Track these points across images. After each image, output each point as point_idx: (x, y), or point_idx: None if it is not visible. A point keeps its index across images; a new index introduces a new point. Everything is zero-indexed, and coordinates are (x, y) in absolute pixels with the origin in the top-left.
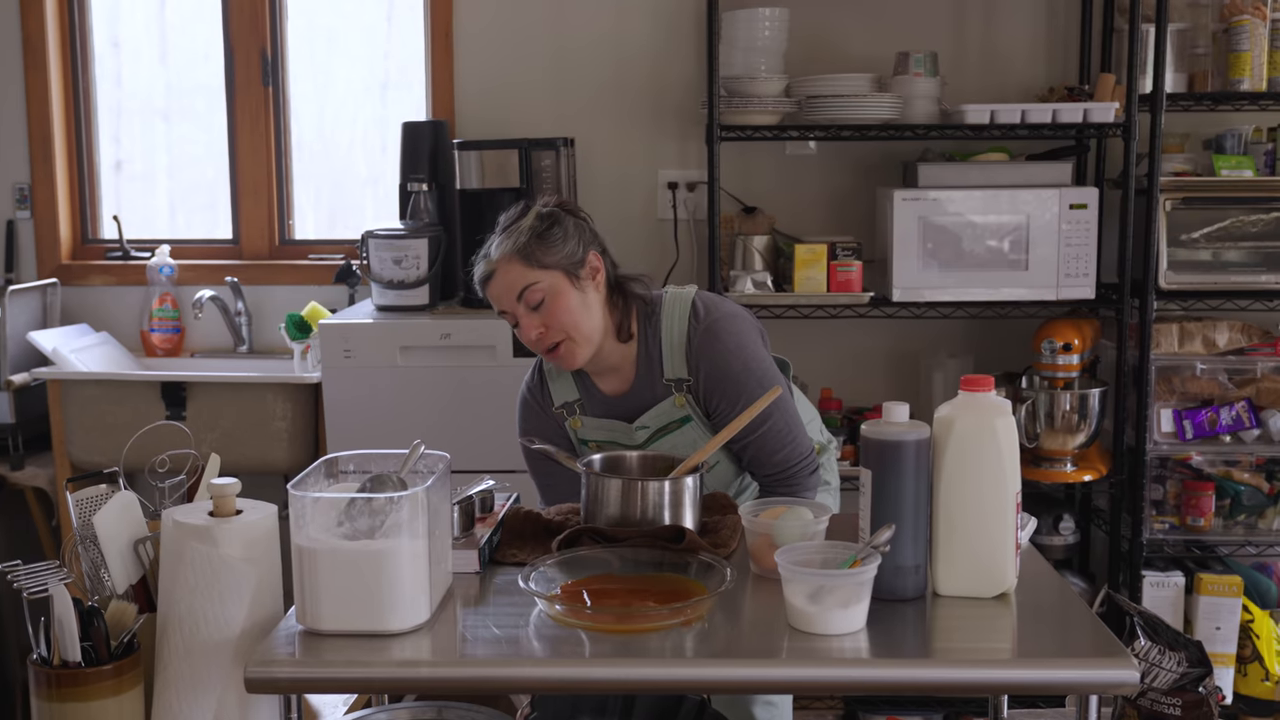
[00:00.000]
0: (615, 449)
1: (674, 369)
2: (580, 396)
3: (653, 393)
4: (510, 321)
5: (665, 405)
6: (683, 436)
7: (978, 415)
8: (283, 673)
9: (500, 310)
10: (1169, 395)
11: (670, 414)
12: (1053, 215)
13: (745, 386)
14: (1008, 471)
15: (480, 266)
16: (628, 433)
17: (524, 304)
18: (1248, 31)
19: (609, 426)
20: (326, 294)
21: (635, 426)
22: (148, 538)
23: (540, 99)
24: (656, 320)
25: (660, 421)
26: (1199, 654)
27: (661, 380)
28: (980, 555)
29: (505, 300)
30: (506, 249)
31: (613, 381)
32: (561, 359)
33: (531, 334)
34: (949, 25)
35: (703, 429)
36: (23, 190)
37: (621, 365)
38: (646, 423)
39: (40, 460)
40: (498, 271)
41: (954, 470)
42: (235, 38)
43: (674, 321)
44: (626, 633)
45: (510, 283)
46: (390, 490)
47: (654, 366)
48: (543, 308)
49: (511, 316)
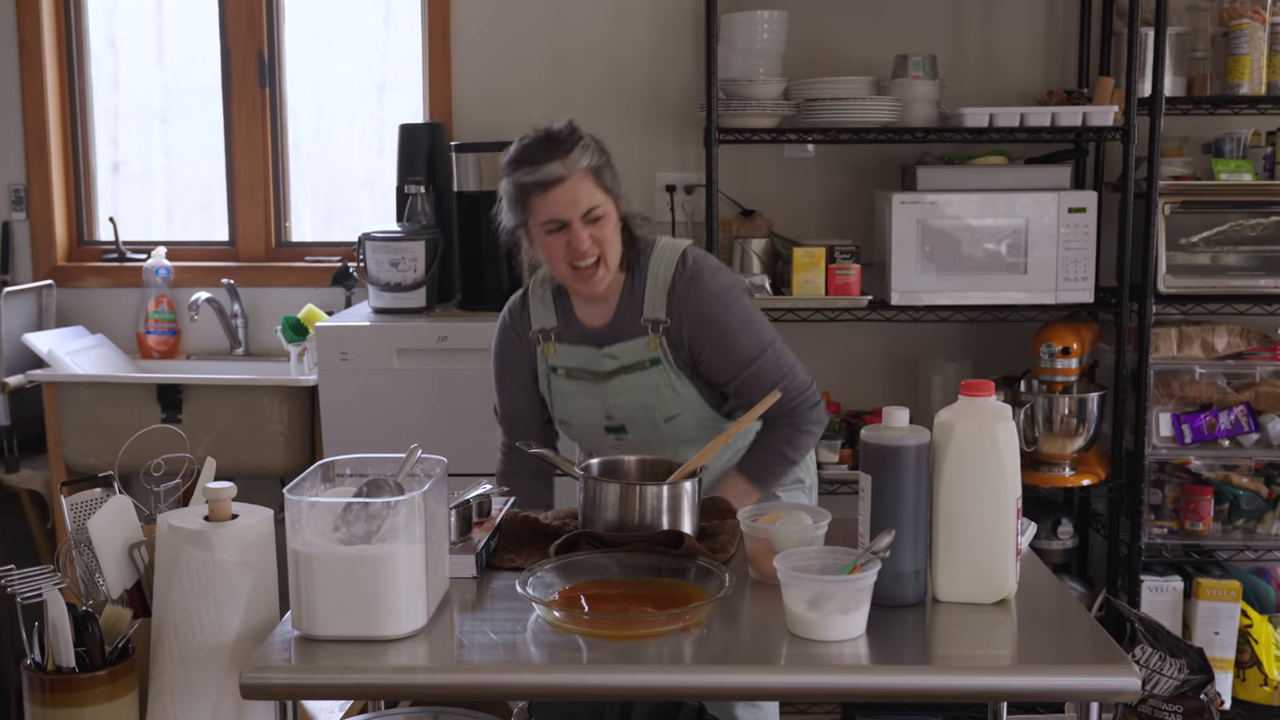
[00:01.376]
0: (582, 377)
1: (653, 310)
2: (558, 325)
3: (629, 330)
4: (550, 228)
5: (638, 343)
6: (648, 378)
7: (978, 420)
8: (278, 678)
9: (549, 219)
10: (1168, 399)
11: (641, 352)
12: (1051, 219)
13: (728, 329)
14: (1008, 477)
15: (546, 168)
16: (596, 359)
17: (584, 218)
18: (1247, 35)
19: (579, 353)
20: (323, 296)
21: (604, 353)
22: (143, 542)
23: (538, 101)
24: (646, 261)
25: (630, 357)
26: (1200, 661)
27: (640, 319)
28: (980, 561)
29: (567, 209)
30: (584, 163)
31: (594, 313)
32: (591, 281)
33: (584, 245)
34: (948, 28)
35: (671, 375)
36: (18, 191)
37: (608, 297)
38: (616, 353)
39: (35, 463)
40: (570, 180)
41: (954, 476)
42: (232, 39)
43: (661, 265)
44: (624, 638)
45: (578, 195)
46: (387, 494)
47: (635, 304)
48: (596, 227)
49: (556, 224)
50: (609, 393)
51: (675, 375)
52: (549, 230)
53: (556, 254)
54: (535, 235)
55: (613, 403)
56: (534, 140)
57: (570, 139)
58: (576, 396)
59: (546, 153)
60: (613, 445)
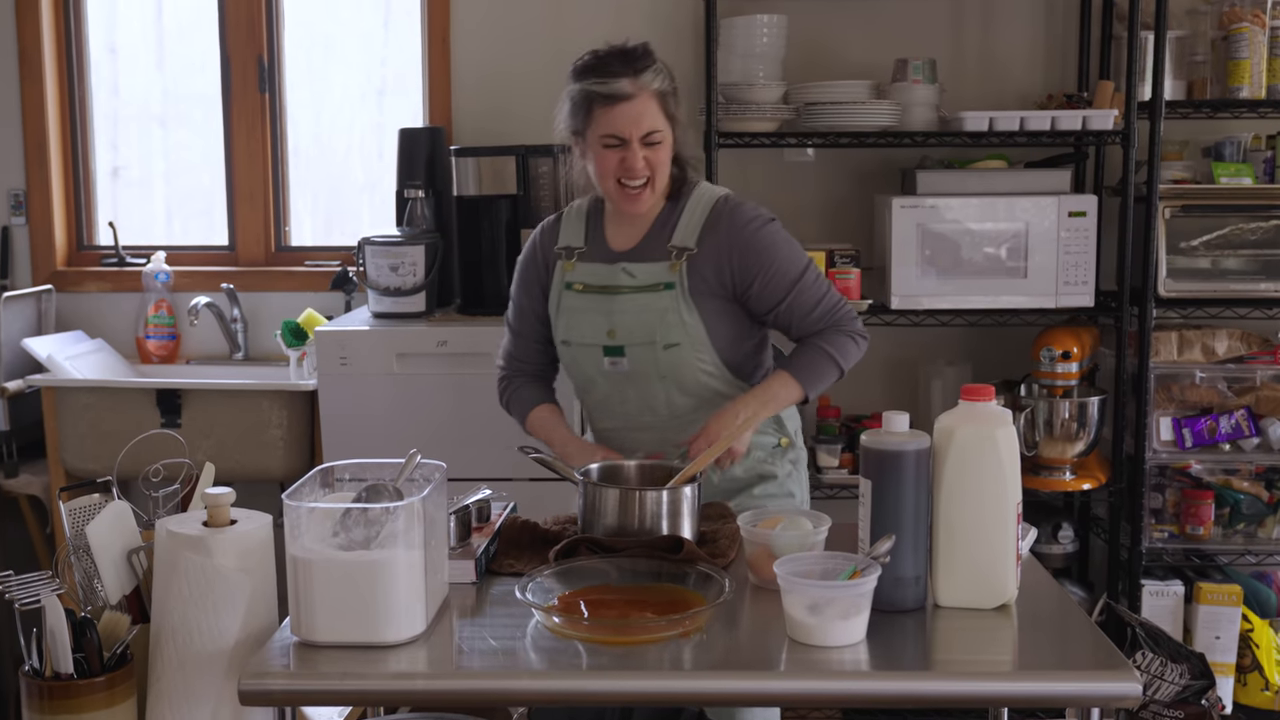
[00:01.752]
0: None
1: (683, 238)
2: (584, 245)
3: (653, 253)
4: (608, 142)
5: (659, 266)
6: (658, 300)
7: (978, 425)
8: (277, 685)
9: (609, 133)
10: (1168, 403)
11: (659, 275)
12: (1051, 223)
13: (776, 249)
14: (1009, 482)
15: (616, 83)
16: (613, 274)
17: (643, 140)
18: (1247, 39)
19: (596, 270)
20: (323, 301)
21: (621, 268)
22: (141, 548)
23: (537, 105)
24: (687, 196)
25: (647, 278)
26: (1201, 666)
27: (666, 244)
28: (981, 566)
29: (628, 127)
30: (654, 85)
31: (624, 235)
32: (636, 200)
33: (638, 165)
34: (947, 32)
35: (681, 302)
36: (18, 196)
37: (642, 222)
38: (634, 271)
39: (34, 468)
40: (637, 99)
41: (955, 481)
42: (232, 44)
43: (701, 201)
44: (624, 644)
45: (642, 115)
46: (386, 500)
47: (666, 231)
48: (652, 151)
49: (615, 140)
50: (617, 309)
51: (686, 304)
52: (606, 144)
53: (608, 168)
54: (591, 145)
55: (618, 320)
56: (608, 53)
57: (644, 59)
58: (584, 313)
59: (620, 67)
60: (605, 372)
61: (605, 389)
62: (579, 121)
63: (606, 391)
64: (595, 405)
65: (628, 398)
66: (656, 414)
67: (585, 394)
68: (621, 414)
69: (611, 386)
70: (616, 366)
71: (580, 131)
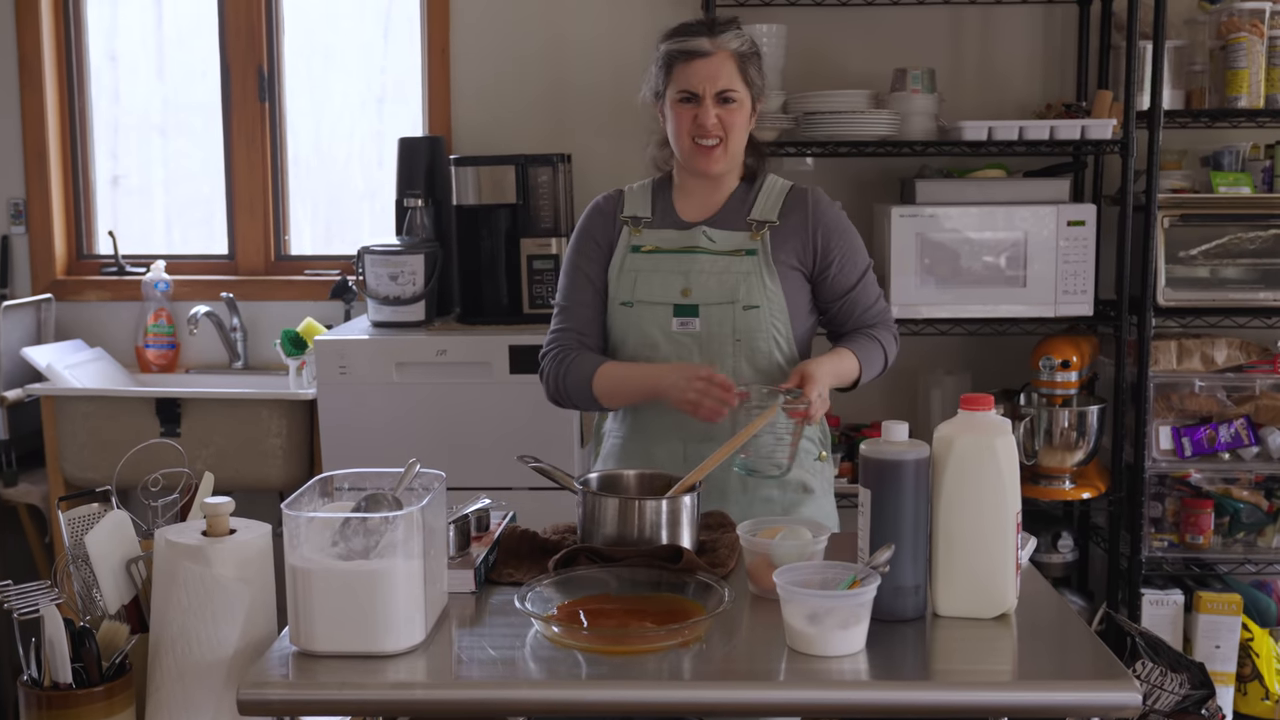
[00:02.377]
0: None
1: (764, 213)
2: (651, 216)
3: (731, 224)
4: (683, 97)
5: (739, 234)
6: (739, 264)
7: (978, 435)
8: (276, 694)
9: (683, 88)
10: (1167, 412)
11: (740, 242)
12: (1050, 232)
13: (854, 239)
14: (1008, 491)
15: (694, 40)
16: (691, 236)
17: (717, 97)
18: (1245, 49)
19: (669, 235)
20: (322, 310)
21: (701, 231)
22: (140, 557)
23: (537, 115)
24: (762, 179)
25: (728, 244)
26: (1201, 675)
27: (745, 218)
28: (980, 576)
29: (704, 83)
30: (734, 45)
31: (698, 206)
32: (710, 158)
33: (710, 121)
34: (946, 42)
35: (764, 267)
36: (18, 205)
37: (716, 196)
38: (714, 235)
39: (34, 477)
40: (715, 57)
41: (954, 490)
42: (232, 53)
43: (776, 183)
44: (623, 654)
45: (718, 72)
46: (385, 509)
47: (744, 207)
48: (726, 110)
49: (688, 95)
50: (695, 269)
51: (768, 270)
52: (681, 99)
53: (682, 125)
54: (669, 105)
55: (695, 280)
56: (693, 20)
57: (727, 24)
58: (654, 273)
59: (700, 28)
60: (672, 334)
61: (668, 353)
62: (659, 81)
63: (668, 356)
64: None
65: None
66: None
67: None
68: None
69: (675, 350)
70: (686, 327)
71: (660, 92)
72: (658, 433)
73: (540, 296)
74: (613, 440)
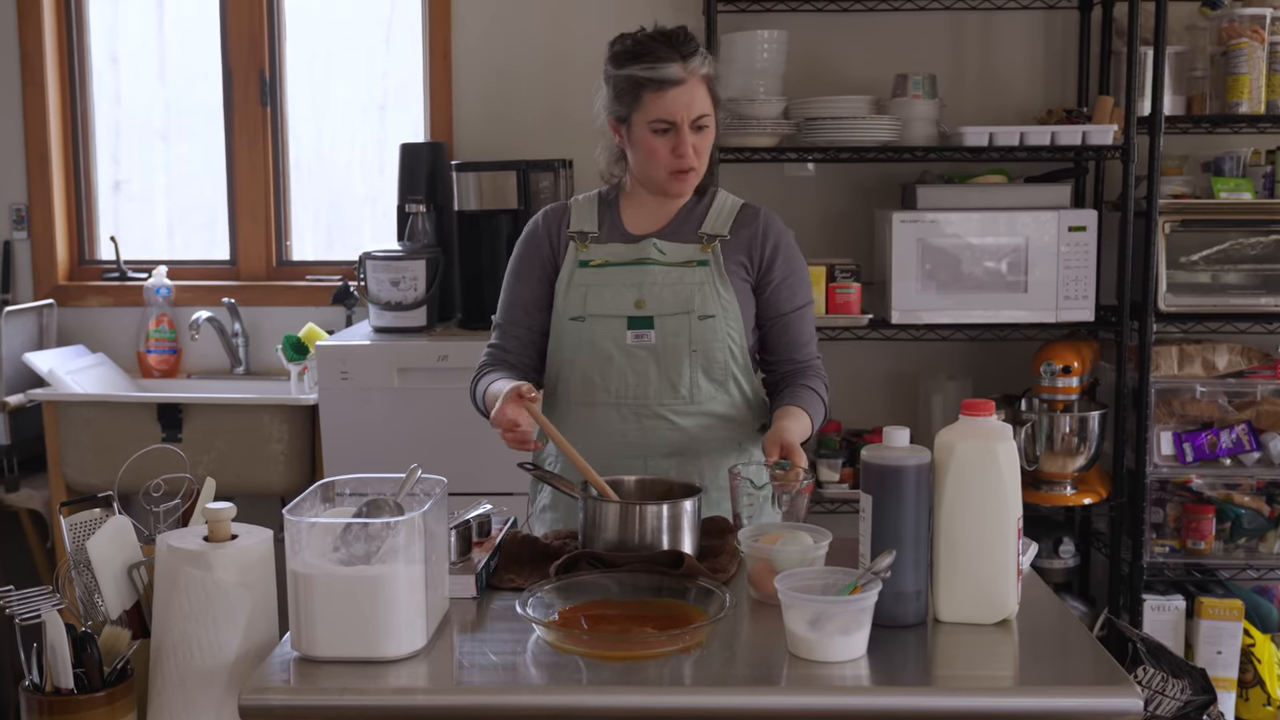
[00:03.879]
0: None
1: (715, 227)
2: (598, 231)
3: (680, 237)
4: (658, 128)
5: (689, 246)
6: (692, 275)
7: (979, 440)
8: (277, 700)
9: (659, 118)
10: (1169, 418)
11: (690, 254)
12: (1051, 237)
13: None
14: (1009, 497)
15: (666, 68)
16: (642, 249)
17: (692, 125)
18: (1246, 54)
19: (618, 249)
20: (324, 315)
21: (651, 244)
22: (142, 562)
23: (538, 120)
24: (712, 194)
25: (678, 256)
26: (1203, 681)
27: (696, 230)
28: (982, 581)
29: (679, 112)
30: (703, 70)
31: (646, 220)
32: (684, 184)
33: (688, 149)
34: (947, 48)
35: (716, 278)
36: (19, 211)
37: (665, 210)
38: (664, 249)
39: (35, 482)
40: (689, 84)
41: (955, 496)
42: (234, 58)
43: (727, 199)
44: (625, 659)
45: (693, 100)
46: (387, 515)
47: (694, 220)
48: (699, 137)
49: (665, 125)
50: (647, 281)
51: (720, 280)
52: (655, 130)
53: (658, 154)
54: (637, 133)
55: (649, 291)
56: (651, 37)
57: (690, 43)
58: (605, 286)
59: (667, 51)
60: (626, 347)
61: (623, 366)
62: (625, 108)
63: (623, 369)
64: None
65: (648, 376)
66: (677, 395)
67: (596, 376)
68: (635, 398)
69: (631, 364)
70: (641, 340)
71: (625, 118)
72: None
73: None
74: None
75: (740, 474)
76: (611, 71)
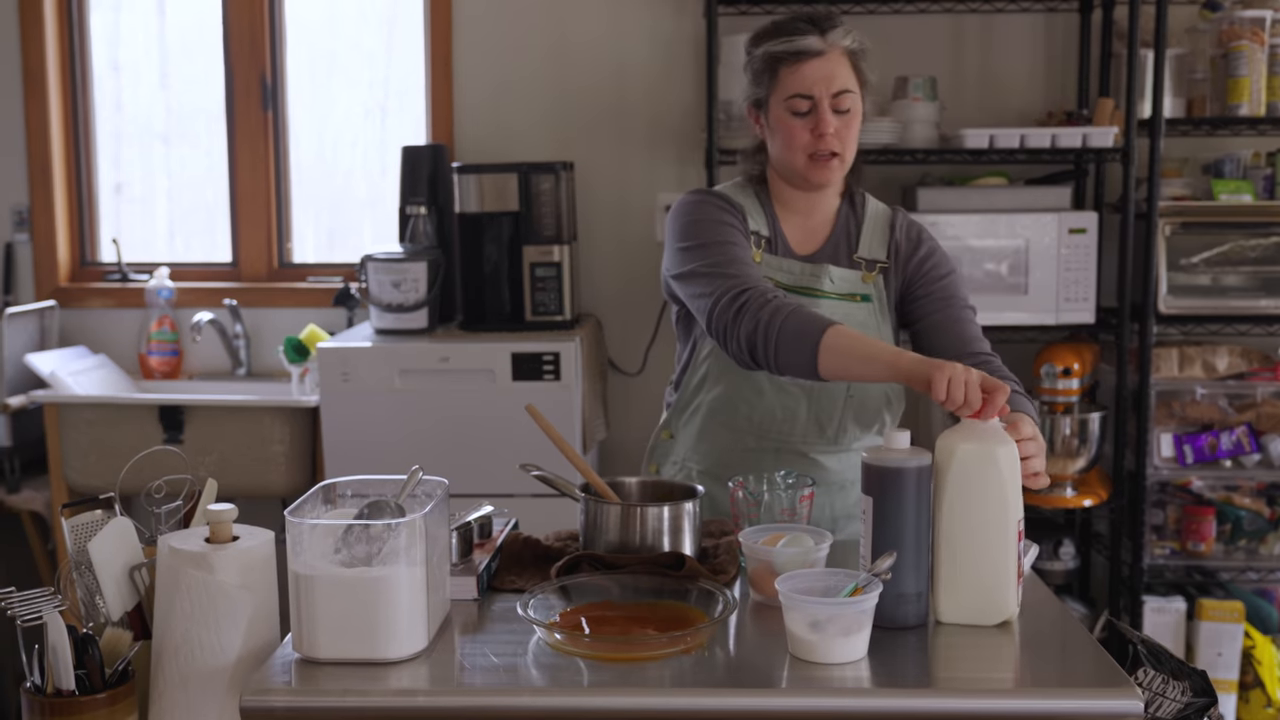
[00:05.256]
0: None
1: (870, 249)
2: (770, 234)
3: (842, 262)
4: (799, 108)
5: (853, 274)
6: (859, 311)
7: (980, 442)
8: (278, 701)
9: (797, 93)
10: (1169, 420)
11: (855, 285)
12: (1052, 239)
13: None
14: (1010, 500)
15: (803, 39)
16: (816, 275)
17: (833, 102)
18: (1246, 57)
19: (790, 267)
20: (325, 317)
21: (825, 268)
22: (143, 564)
23: (539, 123)
24: (862, 203)
25: (846, 286)
26: (1204, 683)
27: (853, 255)
28: (982, 583)
29: (819, 85)
30: (844, 42)
31: (803, 234)
32: (825, 171)
33: (830, 128)
34: (948, 50)
35: (878, 315)
36: (21, 213)
37: (820, 222)
38: (835, 278)
39: (37, 484)
40: (828, 56)
41: (955, 497)
42: (235, 62)
43: (878, 205)
44: (626, 661)
45: (834, 72)
46: (388, 516)
47: (849, 240)
48: (841, 118)
49: (805, 104)
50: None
51: (881, 318)
52: (793, 109)
53: (796, 137)
54: (775, 114)
55: None
56: (791, 16)
57: (832, 18)
58: None
59: (805, 25)
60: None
61: (772, 401)
62: (762, 88)
63: (771, 404)
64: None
65: (797, 415)
66: (823, 436)
67: (741, 404)
68: (777, 433)
69: (780, 400)
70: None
71: (762, 100)
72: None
73: (542, 304)
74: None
75: (743, 485)
76: (750, 52)
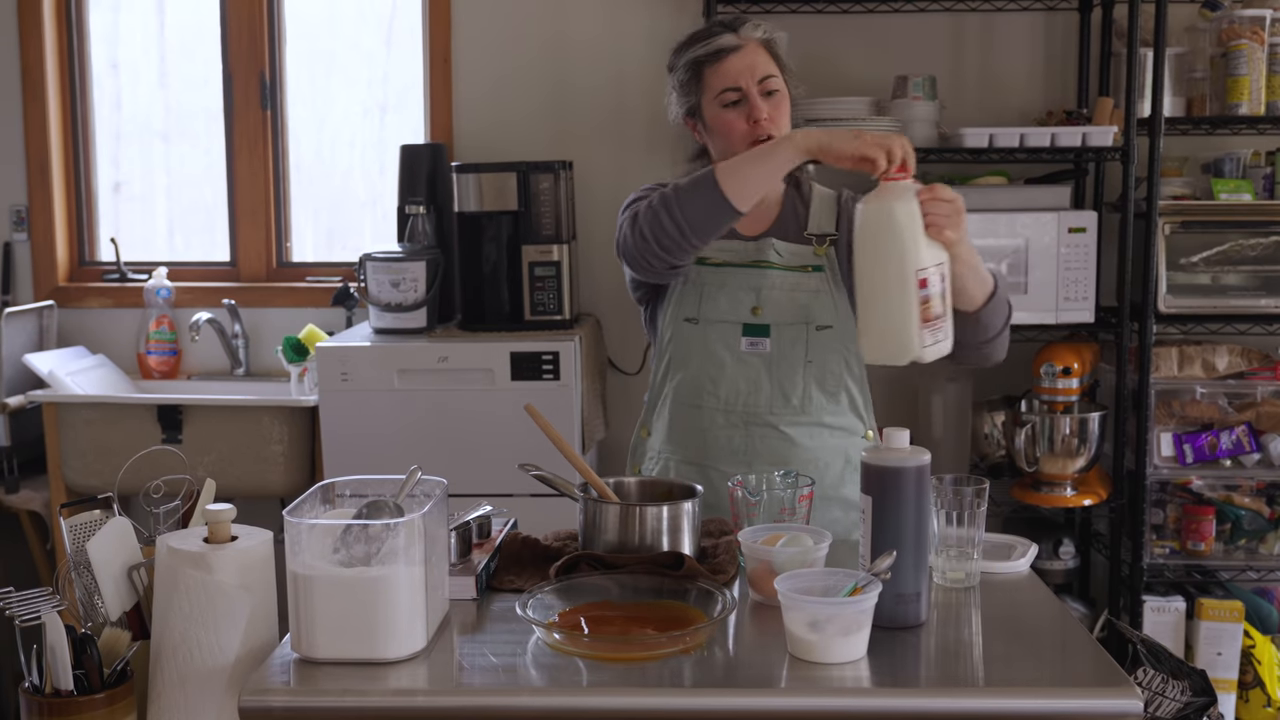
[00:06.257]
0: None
1: (819, 224)
2: None
3: (791, 238)
4: (726, 100)
5: (803, 248)
6: (808, 281)
7: (882, 201)
8: (277, 701)
9: (724, 88)
10: (1169, 419)
11: (805, 257)
12: (1051, 239)
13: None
14: (908, 250)
15: (719, 39)
16: (760, 249)
17: (760, 87)
18: (1245, 56)
19: (735, 246)
20: (324, 316)
21: (769, 244)
22: (142, 564)
23: (538, 122)
24: (807, 182)
25: (794, 259)
26: (1203, 683)
27: (802, 231)
28: (888, 326)
29: (744, 75)
30: (756, 34)
31: (750, 219)
32: None
33: (763, 113)
34: (948, 49)
35: (830, 284)
36: (20, 212)
37: (768, 205)
38: (781, 251)
39: (35, 483)
40: (745, 50)
41: (860, 249)
42: (234, 61)
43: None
44: (625, 661)
45: (754, 64)
46: (387, 516)
47: (798, 219)
48: (770, 101)
49: (735, 94)
50: (765, 286)
51: (835, 287)
52: (725, 103)
53: (734, 128)
54: (710, 115)
55: (765, 295)
56: (705, 25)
57: (740, 18)
58: (722, 289)
59: (719, 28)
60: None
61: (734, 373)
62: (692, 95)
63: (734, 377)
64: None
65: (760, 386)
66: (789, 405)
67: (706, 381)
68: (744, 407)
69: (743, 371)
70: (755, 348)
71: (695, 107)
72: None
73: (542, 303)
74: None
75: (740, 483)
76: (674, 65)
